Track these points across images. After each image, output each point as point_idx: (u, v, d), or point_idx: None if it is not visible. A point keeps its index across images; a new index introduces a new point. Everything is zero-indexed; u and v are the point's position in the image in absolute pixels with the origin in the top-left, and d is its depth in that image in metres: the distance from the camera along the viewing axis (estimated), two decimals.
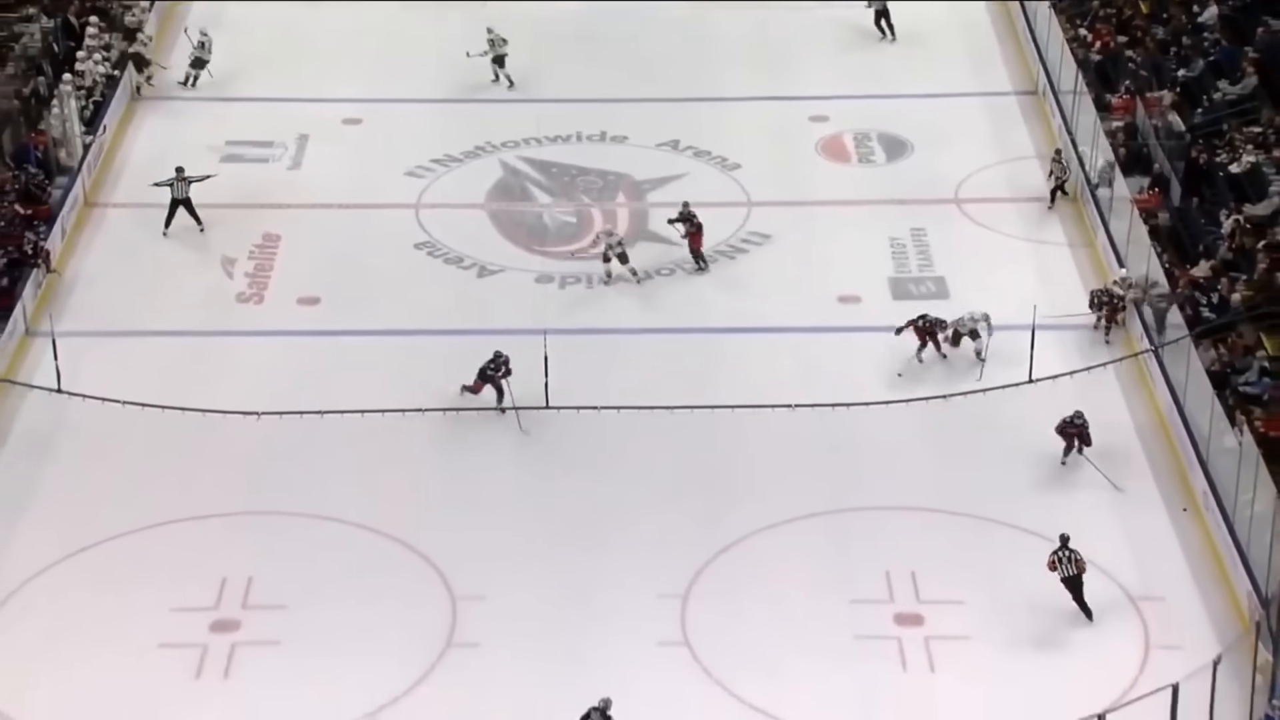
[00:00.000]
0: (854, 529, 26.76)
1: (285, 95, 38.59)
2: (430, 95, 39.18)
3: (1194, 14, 38.14)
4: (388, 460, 28.24)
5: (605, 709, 22.27)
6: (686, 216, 33.09)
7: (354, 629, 24.77)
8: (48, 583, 25.73)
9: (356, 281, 32.98)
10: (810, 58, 40.61)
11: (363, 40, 41.36)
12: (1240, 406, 27.81)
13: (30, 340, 30.89)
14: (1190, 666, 22.27)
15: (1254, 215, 31.82)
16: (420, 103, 38.91)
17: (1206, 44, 37.10)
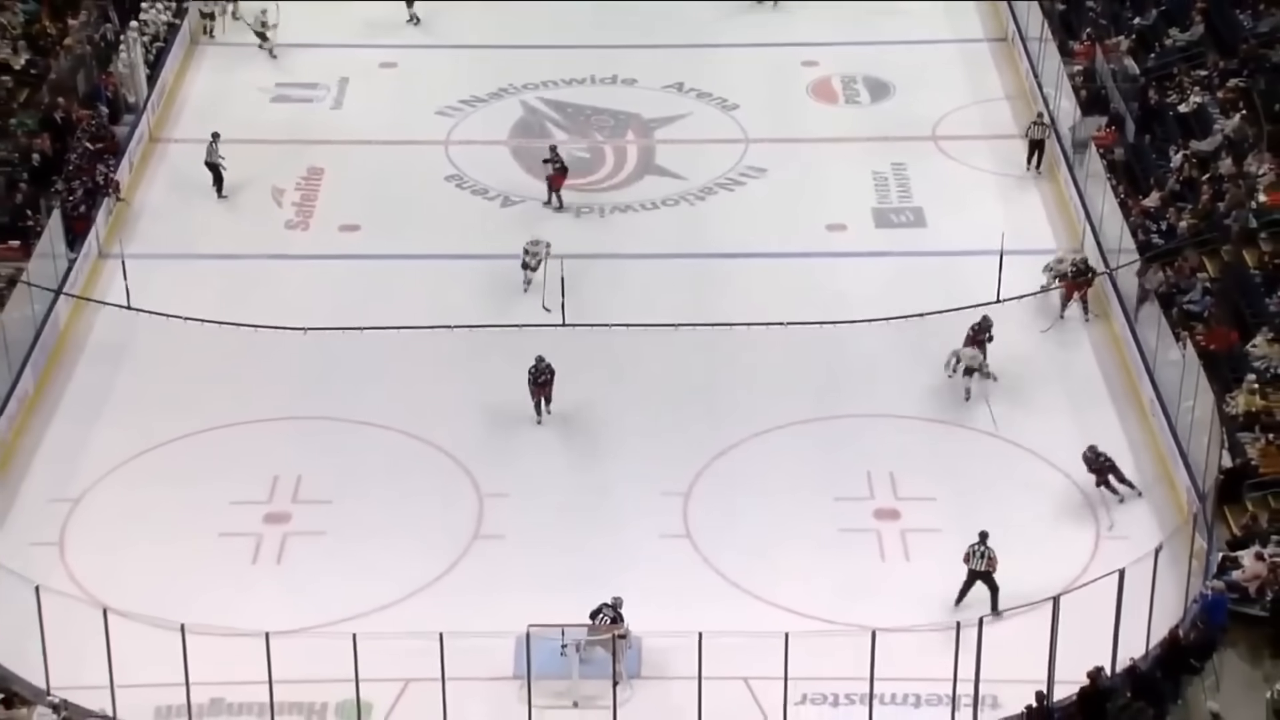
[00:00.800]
0: (838, 434, 26.93)
1: (328, 41, 38.49)
2: (458, 41, 39.02)
3: None
4: (422, 371, 28.39)
5: (617, 606, 22.36)
6: (554, 159, 32.89)
7: (391, 521, 25.02)
8: (122, 478, 26.03)
9: (392, 211, 33.04)
10: (802, 8, 40.35)
11: None
12: (1184, 323, 27.96)
13: (103, 262, 31.03)
14: (1135, 554, 22.33)
15: (1200, 150, 31.74)
16: (449, 48, 38.77)
17: None
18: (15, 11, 35.67)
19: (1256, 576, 23.13)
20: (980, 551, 23.09)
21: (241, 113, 36.12)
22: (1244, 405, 26.24)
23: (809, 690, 21.91)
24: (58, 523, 25.10)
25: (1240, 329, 27.90)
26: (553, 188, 32.77)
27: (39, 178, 31.82)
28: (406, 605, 23.47)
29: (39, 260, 28.92)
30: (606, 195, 33.86)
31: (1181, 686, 22.07)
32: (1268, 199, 29.91)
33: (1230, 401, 26.24)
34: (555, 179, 32.72)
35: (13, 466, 26.32)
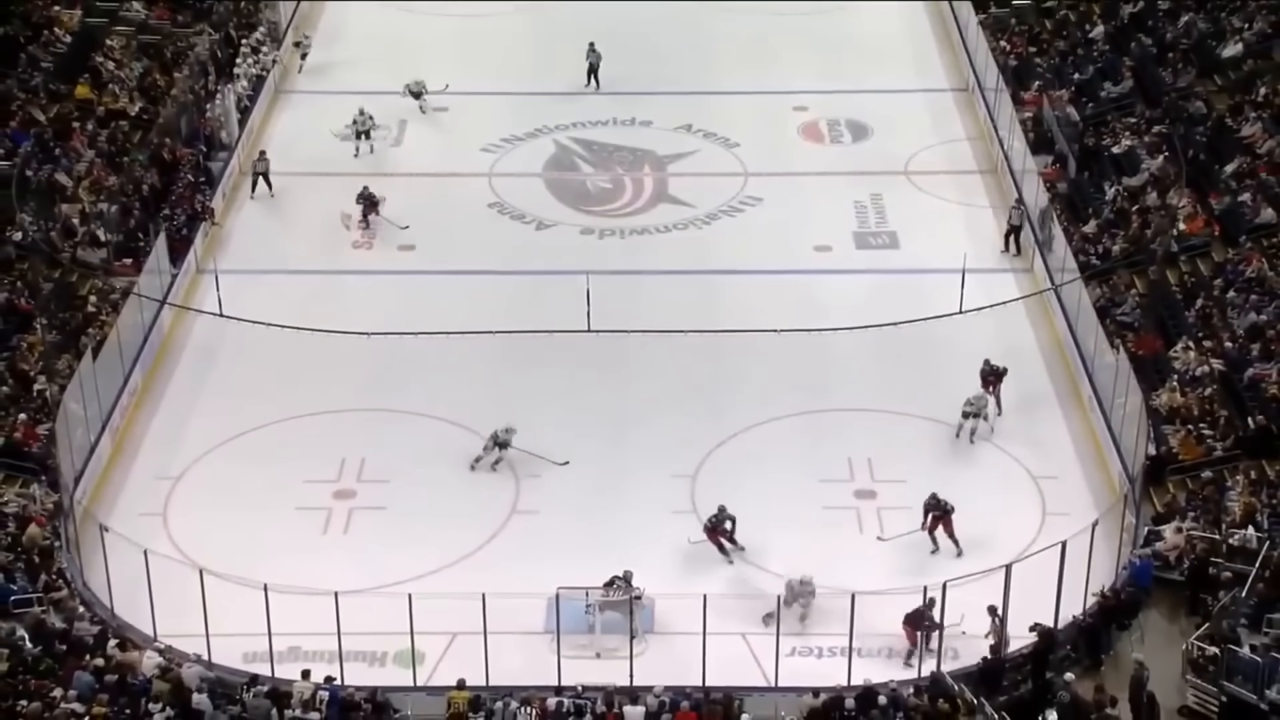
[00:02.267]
0: (823, 426, 26.96)
1: (389, 89, 38.53)
2: (499, 89, 39.02)
3: (1086, 31, 37.96)
4: (468, 370, 28.43)
5: (628, 578, 22.28)
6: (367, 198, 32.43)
7: (441, 498, 25.10)
8: (215, 459, 26.19)
9: (443, 233, 33.11)
10: (793, 59, 40.34)
11: (447, 44, 41.13)
12: (1118, 331, 27.98)
13: (200, 277, 31.13)
14: (1075, 528, 22.41)
15: (1130, 186, 31.75)
16: (492, 95, 38.75)
17: (1096, 54, 36.88)
18: (131, 67, 35.89)
19: (1176, 547, 23.17)
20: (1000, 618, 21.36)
21: (316, 151, 36.20)
22: (1167, 402, 26.28)
23: (798, 644, 21.99)
24: (162, 496, 25.28)
25: (1164, 338, 27.92)
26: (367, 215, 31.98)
27: (148, 206, 32.01)
28: (454, 570, 23.57)
29: (147, 276, 29.09)
30: (626, 220, 33.90)
31: (1113, 640, 22.14)
32: (1187, 227, 29.97)
33: (1156, 398, 26.28)
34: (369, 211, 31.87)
35: (125, 449, 26.49)
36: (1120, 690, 20.55)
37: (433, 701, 21.02)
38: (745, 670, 21.65)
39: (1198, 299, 28.25)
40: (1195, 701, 20.86)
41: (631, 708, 20.30)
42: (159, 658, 21.16)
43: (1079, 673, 21.23)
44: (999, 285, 30.43)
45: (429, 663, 21.87)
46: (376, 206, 32.50)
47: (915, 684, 21.04)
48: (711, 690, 20.77)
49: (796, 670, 21.48)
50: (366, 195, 32.60)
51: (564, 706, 20.42)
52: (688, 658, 21.31)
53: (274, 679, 21.08)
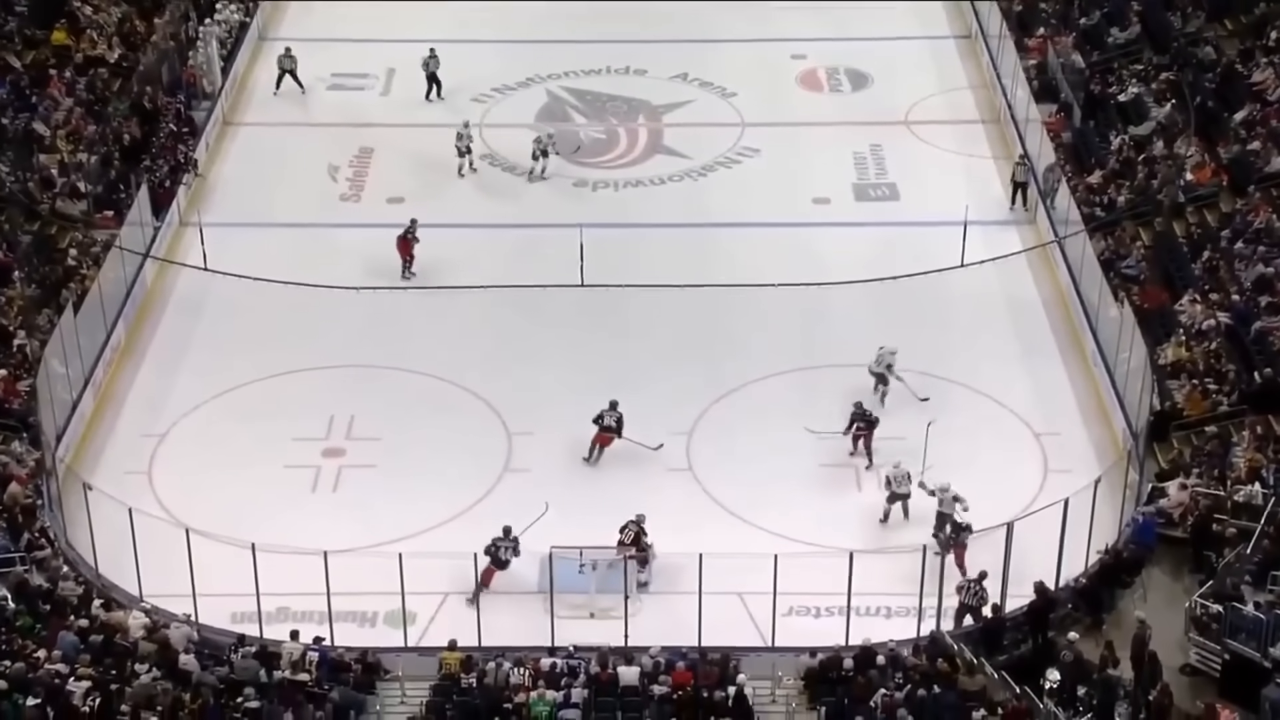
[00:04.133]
0: (821, 381, 26.89)
1: (377, 37, 38.30)
2: (490, 37, 38.76)
3: None
4: (458, 325, 28.40)
5: (640, 522, 22.45)
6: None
7: (432, 456, 25.08)
8: (201, 416, 26.17)
9: (433, 185, 32.96)
10: (792, 5, 39.93)
11: None
12: (1122, 284, 27.91)
13: (184, 230, 31.01)
14: (1077, 485, 22.42)
15: (1136, 135, 31.58)
16: (483, 43, 38.51)
17: None
18: (109, 11, 35.54)
19: (1180, 504, 23.19)
20: (975, 590, 21.62)
21: (301, 100, 36.00)
22: (1172, 356, 26.25)
23: (795, 604, 22.00)
24: (147, 454, 25.26)
25: (1170, 290, 27.86)
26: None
27: (129, 157, 31.81)
28: (445, 529, 23.56)
29: (129, 228, 28.95)
30: (620, 172, 33.75)
31: (1115, 598, 22.20)
32: (1194, 177, 29.82)
33: (1160, 353, 26.25)
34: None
35: (108, 406, 26.45)
36: (1122, 649, 20.63)
37: (424, 662, 21.08)
38: (742, 630, 21.72)
39: (1204, 250, 28.16)
40: (1198, 660, 20.94)
41: (626, 668, 20.38)
42: (145, 618, 21.19)
43: (1081, 631, 21.28)
44: (1001, 238, 30.33)
45: (420, 623, 21.94)
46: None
47: (914, 643, 21.10)
48: (707, 650, 20.83)
49: (793, 630, 21.56)
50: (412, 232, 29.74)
51: (558, 667, 20.47)
52: (684, 617, 21.35)
53: (262, 639, 21.12)
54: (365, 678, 20.73)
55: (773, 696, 20.53)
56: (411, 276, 29.04)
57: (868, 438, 24.50)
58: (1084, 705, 20.28)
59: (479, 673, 20.40)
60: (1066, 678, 20.49)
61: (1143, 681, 20.11)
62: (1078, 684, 20.46)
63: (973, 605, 21.66)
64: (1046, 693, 20.46)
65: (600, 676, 20.30)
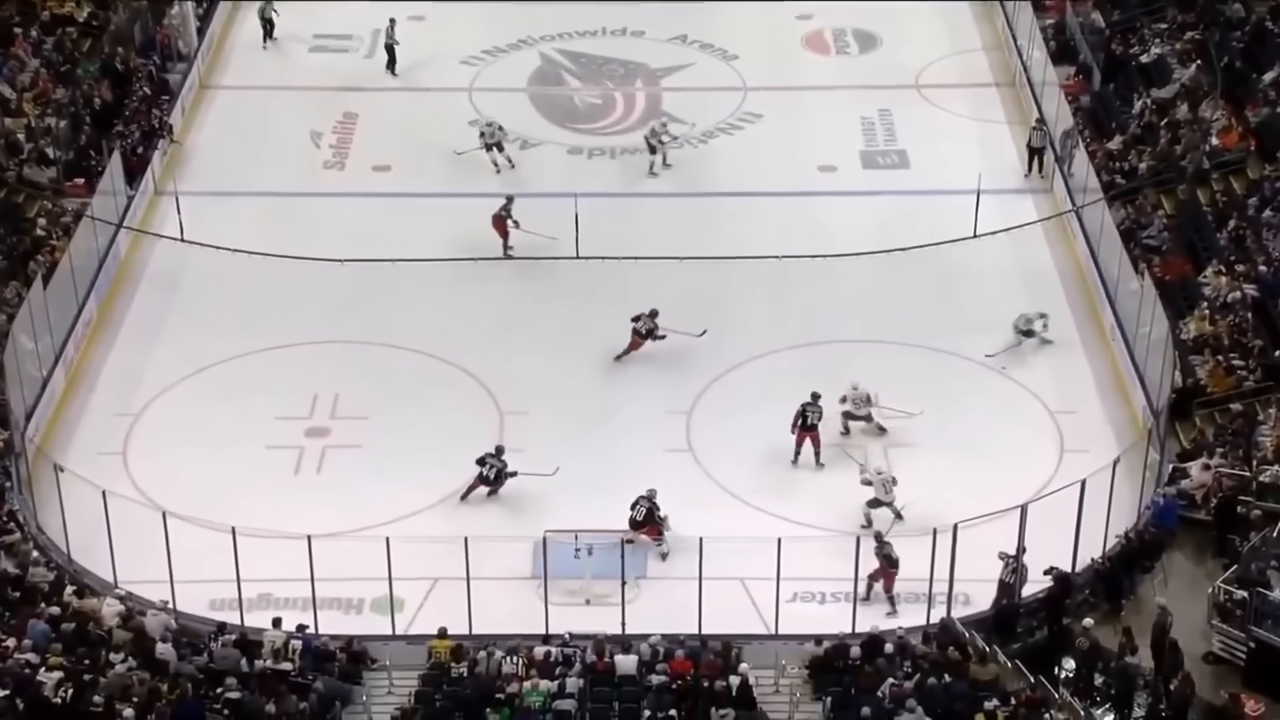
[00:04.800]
0: (827, 358, 26.89)
1: None
2: None
3: None
4: (447, 299, 28.40)
5: (652, 498, 22.49)
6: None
7: (421, 436, 25.08)
8: (178, 394, 26.16)
9: (421, 152, 32.93)
10: None
11: None
12: (1143, 255, 27.92)
13: (159, 199, 30.96)
14: (1095, 466, 22.40)
15: (1159, 97, 31.55)
16: (472, 2, 38.31)
17: None
18: None
19: (1203, 485, 23.26)
20: (1013, 566, 21.54)
21: (282, 62, 35.94)
22: (1195, 330, 26.30)
23: (799, 590, 22.05)
24: (121, 434, 25.26)
25: (1194, 261, 27.88)
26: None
27: (100, 122, 31.74)
28: (434, 511, 23.60)
29: (101, 197, 28.92)
30: (616, 139, 33.72)
31: (1134, 583, 22.27)
32: (1220, 142, 29.79)
33: (1183, 327, 26.29)
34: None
35: (80, 383, 26.45)
36: (1142, 637, 20.70)
37: (413, 651, 21.15)
38: (744, 617, 21.76)
39: (1230, 219, 28.15)
40: (1221, 648, 21.02)
41: (624, 656, 20.44)
42: (120, 605, 21.24)
43: (1098, 618, 21.36)
44: (1016, 207, 30.35)
45: (408, 610, 21.97)
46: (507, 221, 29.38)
47: (924, 631, 21.17)
48: (708, 638, 20.88)
49: (798, 616, 21.61)
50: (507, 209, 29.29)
51: (552, 655, 20.53)
52: (683, 604, 21.39)
53: (243, 628, 21.17)
54: (351, 667, 20.80)
55: (776, 686, 20.60)
56: (511, 254, 28.77)
57: (814, 437, 24.28)
58: (1101, 695, 20.39)
59: (470, 662, 20.46)
60: (1083, 666, 20.60)
61: (1163, 670, 20.21)
62: (1095, 673, 20.56)
63: (1012, 582, 21.64)
64: (1062, 682, 20.56)
65: (596, 665, 20.37)
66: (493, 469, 23.48)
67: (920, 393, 25.85)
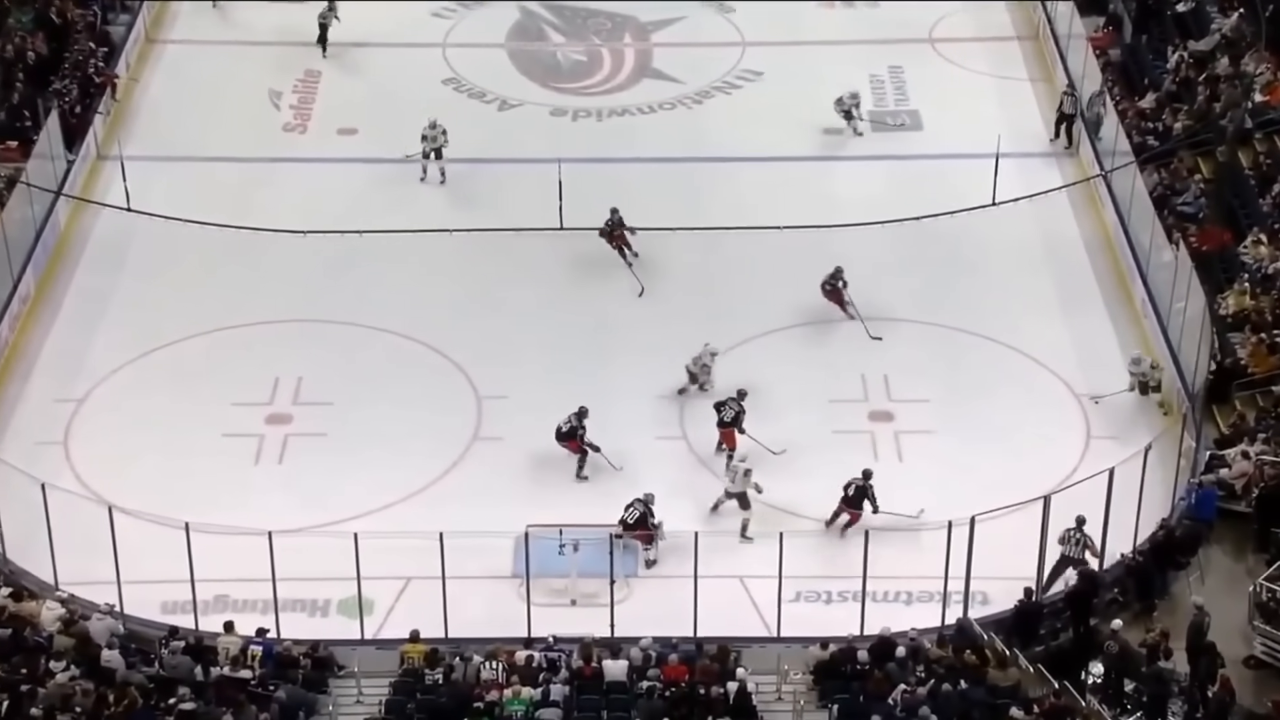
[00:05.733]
0: (834, 337, 26.94)
1: None
2: None
3: None
4: (421, 275, 28.38)
5: (648, 502, 22.47)
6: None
7: (392, 423, 25.08)
8: (125, 379, 26.10)
9: (390, 114, 32.83)
10: None
11: None
12: (1178, 224, 27.92)
13: (102, 164, 30.89)
14: (1125, 453, 22.44)
15: (1197, 50, 31.50)
16: None
17: None
18: None
19: (1243, 474, 23.28)
20: (1076, 538, 21.79)
21: (237, 14, 35.79)
22: (1234, 305, 26.31)
23: (803, 588, 22.10)
24: (62, 422, 25.20)
25: (1233, 230, 27.89)
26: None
27: (35, 78, 31.57)
28: (407, 505, 23.59)
29: (37, 161, 28.82)
30: (603, 99, 33.65)
31: (1168, 581, 22.30)
32: (1265, 98, 29.72)
33: (1221, 302, 26.31)
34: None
35: (17, 366, 26.39)
36: (1176, 639, 20.74)
37: (383, 656, 21.15)
38: (743, 618, 21.79)
39: (1275, 183, 28.16)
40: (1264, 651, 21.07)
41: (613, 661, 20.45)
42: (61, 609, 21.19)
43: (1128, 619, 21.41)
44: (1039, 172, 30.39)
45: (378, 612, 21.98)
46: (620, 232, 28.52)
47: (938, 632, 21.20)
48: (704, 641, 20.90)
49: (802, 617, 21.64)
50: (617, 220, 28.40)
51: (535, 660, 20.54)
52: (678, 604, 21.40)
53: (198, 632, 21.15)
54: (316, 674, 20.79)
55: (778, 693, 20.63)
56: (635, 259, 28.11)
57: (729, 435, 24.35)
58: (1132, 702, 20.43)
59: (445, 668, 20.46)
60: (1111, 671, 20.62)
61: (1200, 675, 20.24)
62: (1125, 678, 20.59)
63: (1078, 557, 21.68)
64: (1089, 688, 20.59)
65: (583, 671, 20.38)
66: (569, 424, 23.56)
67: (933, 374, 25.89)
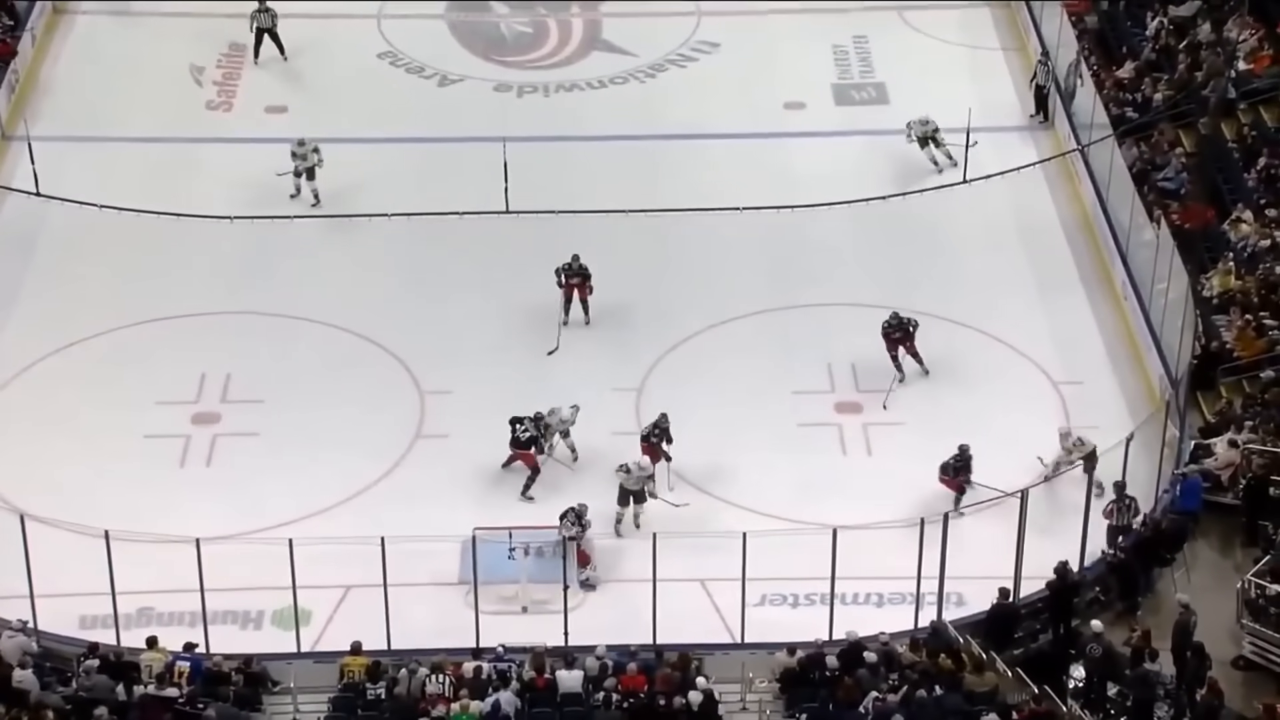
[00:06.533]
0: (797, 325, 27.06)
1: None
2: None
3: None
4: (357, 263, 28.36)
5: (581, 514, 22.48)
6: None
7: (328, 422, 25.06)
8: (36, 377, 25.95)
9: (322, 91, 32.76)
10: None
11: None
12: (1159, 201, 28.13)
13: (6, 144, 30.67)
14: (1106, 444, 22.62)
15: (1177, 16, 31.69)
16: None
17: None
18: None
19: (1230, 464, 23.46)
20: (1129, 503, 22.35)
21: None
22: (1219, 286, 26.53)
23: (768, 591, 22.21)
24: None
25: (1217, 206, 28.12)
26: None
27: None
28: (345, 509, 23.61)
29: None
30: (550, 73, 33.66)
31: (1152, 578, 22.50)
32: (1249, 66, 29.93)
33: (1205, 283, 26.53)
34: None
35: None
36: (1161, 639, 20.93)
37: (321, 670, 21.12)
38: (705, 624, 21.88)
39: (1260, 157, 28.37)
40: (1253, 651, 21.25)
41: (566, 672, 20.50)
42: None
43: (1110, 619, 21.59)
44: (1013, 147, 30.63)
45: (316, 623, 21.97)
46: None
47: (911, 636, 21.34)
48: (663, 649, 20.98)
49: (767, 622, 21.72)
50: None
51: (484, 672, 20.59)
52: (635, 609, 21.47)
53: (119, 648, 21.07)
54: (249, 691, 20.75)
55: (743, 702, 20.71)
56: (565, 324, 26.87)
57: (909, 345, 25.27)
58: (1115, 707, 20.62)
59: (388, 681, 20.47)
60: (1094, 675, 20.79)
61: (1186, 678, 20.42)
62: (1108, 681, 20.78)
63: (1124, 524, 21.93)
64: (1070, 693, 20.76)
65: (536, 682, 20.43)
66: (524, 431, 23.48)
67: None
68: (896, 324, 25.39)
